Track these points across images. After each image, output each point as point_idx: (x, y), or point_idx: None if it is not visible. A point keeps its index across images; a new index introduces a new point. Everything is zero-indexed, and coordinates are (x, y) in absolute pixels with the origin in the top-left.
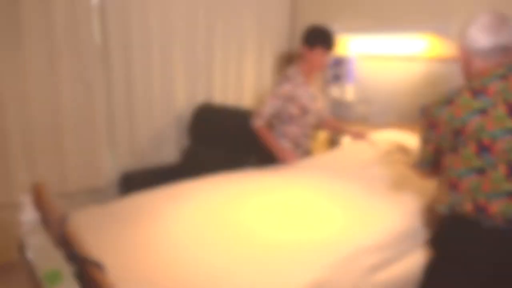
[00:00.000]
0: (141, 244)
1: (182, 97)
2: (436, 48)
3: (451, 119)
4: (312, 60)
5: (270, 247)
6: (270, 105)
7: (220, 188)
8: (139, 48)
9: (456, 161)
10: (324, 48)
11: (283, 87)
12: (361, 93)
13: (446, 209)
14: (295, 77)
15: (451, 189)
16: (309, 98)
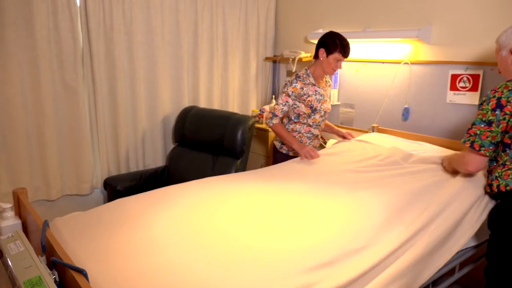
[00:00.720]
0: (123, 250)
1: (167, 101)
2: (418, 53)
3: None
4: (327, 64)
5: (254, 253)
6: (283, 103)
7: (205, 192)
8: (123, 52)
9: None
10: (340, 54)
11: (293, 85)
12: (345, 97)
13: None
14: (305, 77)
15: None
16: (317, 98)
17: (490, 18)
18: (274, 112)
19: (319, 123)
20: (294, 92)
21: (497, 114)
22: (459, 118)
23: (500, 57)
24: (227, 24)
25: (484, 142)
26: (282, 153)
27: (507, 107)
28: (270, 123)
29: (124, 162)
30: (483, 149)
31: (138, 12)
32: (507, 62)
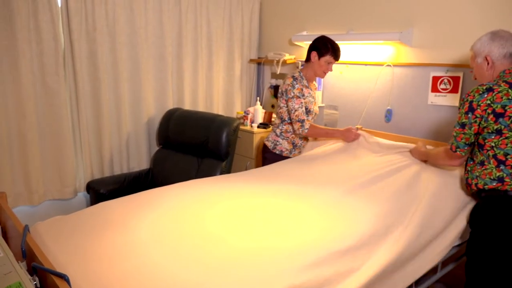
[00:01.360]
0: (106, 254)
1: (151, 103)
2: (400, 55)
3: (492, 102)
4: (318, 67)
5: (241, 255)
6: (300, 106)
7: (190, 195)
8: (106, 53)
9: (502, 141)
10: (332, 57)
11: (296, 87)
12: (329, 99)
13: (494, 182)
14: (300, 79)
15: (498, 165)
16: (310, 100)
17: (470, 22)
18: (300, 118)
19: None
20: (300, 92)
21: (469, 117)
22: (440, 120)
23: (476, 64)
24: (211, 25)
25: (459, 143)
26: (275, 153)
27: (477, 111)
28: (305, 130)
29: (108, 165)
30: (459, 150)
31: (121, 13)
32: (483, 68)
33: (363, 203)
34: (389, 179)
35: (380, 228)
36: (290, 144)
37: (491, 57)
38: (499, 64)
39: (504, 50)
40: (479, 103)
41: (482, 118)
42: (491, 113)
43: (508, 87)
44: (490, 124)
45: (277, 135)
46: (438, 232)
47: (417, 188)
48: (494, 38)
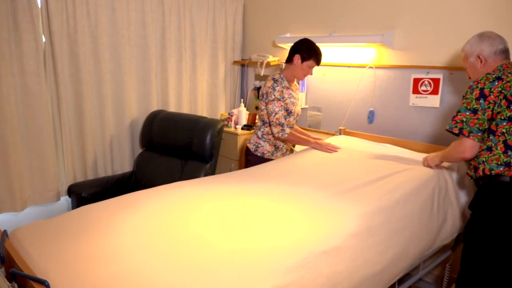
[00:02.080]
0: (88, 258)
1: (135, 105)
2: (382, 57)
3: (503, 89)
4: (300, 70)
5: (225, 257)
6: (280, 108)
7: (173, 197)
8: (88, 55)
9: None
10: (314, 62)
11: (277, 89)
12: (312, 100)
13: (500, 167)
14: (281, 81)
15: (506, 151)
16: (292, 101)
17: (450, 25)
18: (280, 122)
19: (293, 125)
20: (281, 95)
21: (481, 103)
22: (421, 121)
23: (469, 63)
24: (195, 27)
25: (472, 128)
26: (256, 155)
27: (490, 97)
28: (285, 134)
29: (91, 168)
30: (472, 135)
31: (103, 14)
32: (477, 67)
33: (348, 205)
34: (376, 183)
35: (364, 229)
36: (272, 146)
37: (483, 55)
38: (491, 60)
39: (494, 48)
40: (492, 90)
41: (495, 103)
42: (503, 99)
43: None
44: (503, 110)
45: (259, 137)
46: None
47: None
48: (482, 38)
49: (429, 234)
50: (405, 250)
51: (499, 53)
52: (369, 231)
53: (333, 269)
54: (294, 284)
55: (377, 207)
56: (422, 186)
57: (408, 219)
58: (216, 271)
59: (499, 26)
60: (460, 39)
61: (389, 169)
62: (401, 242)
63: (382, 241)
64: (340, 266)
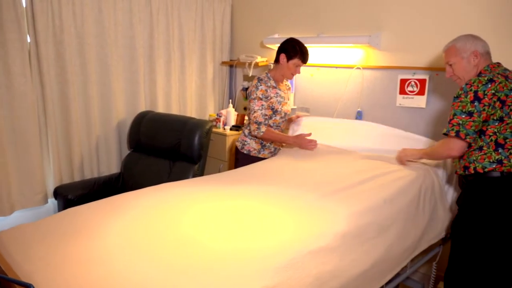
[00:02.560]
0: (75, 261)
1: (122, 106)
2: (370, 58)
3: (496, 91)
4: (287, 69)
5: (214, 258)
6: (260, 108)
7: (161, 198)
8: (74, 55)
9: (503, 127)
10: (300, 60)
11: (260, 88)
12: (300, 101)
13: (493, 165)
14: (266, 80)
15: (497, 148)
16: (278, 100)
17: (435, 26)
18: (257, 120)
19: (279, 124)
20: (264, 94)
21: (476, 106)
22: (408, 121)
23: (460, 59)
24: (183, 27)
25: (468, 131)
26: (243, 153)
27: (485, 99)
28: (260, 133)
29: (78, 170)
30: (468, 137)
31: (89, 14)
32: (470, 63)
33: (335, 205)
34: (364, 183)
35: (352, 229)
36: (258, 144)
37: (478, 52)
38: (483, 59)
39: (485, 48)
40: (485, 92)
41: (490, 106)
42: (497, 101)
43: (504, 79)
44: (497, 111)
45: (245, 135)
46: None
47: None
48: (475, 37)
49: (415, 233)
50: (391, 249)
51: (488, 54)
52: (356, 230)
53: (320, 269)
54: (282, 285)
55: (364, 207)
56: (409, 185)
57: (395, 219)
58: (204, 272)
59: (482, 27)
60: (446, 40)
61: (377, 169)
62: (387, 241)
63: (369, 240)
64: (328, 266)
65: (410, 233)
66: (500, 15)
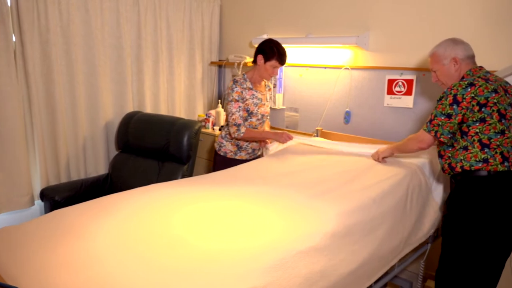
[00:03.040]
0: (62, 263)
1: (110, 106)
2: (358, 59)
3: (476, 95)
4: (264, 70)
5: (204, 258)
6: (237, 109)
7: (150, 199)
8: (61, 55)
9: (486, 128)
10: (277, 61)
11: (235, 90)
12: (289, 101)
13: (479, 163)
14: (242, 82)
15: (482, 148)
16: (254, 102)
17: (422, 27)
18: (236, 122)
19: (256, 126)
20: (240, 96)
21: (455, 109)
22: (395, 121)
23: (441, 66)
24: (171, 27)
25: (444, 131)
26: (220, 155)
27: (463, 103)
28: (241, 134)
29: (64, 171)
30: (443, 136)
31: (76, 13)
32: (451, 69)
33: (325, 205)
34: (353, 183)
35: (341, 229)
36: (234, 146)
37: (458, 58)
38: (464, 64)
39: (466, 53)
40: (464, 96)
41: (468, 109)
42: (476, 105)
43: (485, 82)
44: (475, 114)
45: (222, 137)
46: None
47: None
48: (456, 42)
49: (403, 232)
50: (379, 248)
51: (470, 58)
52: (345, 230)
53: (310, 268)
54: (271, 285)
55: (353, 206)
56: (397, 185)
57: (383, 218)
58: (194, 273)
59: (468, 29)
60: (432, 41)
61: (365, 169)
62: (376, 240)
63: (358, 240)
64: (317, 266)
65: (398, 232)
66: (487, 15)
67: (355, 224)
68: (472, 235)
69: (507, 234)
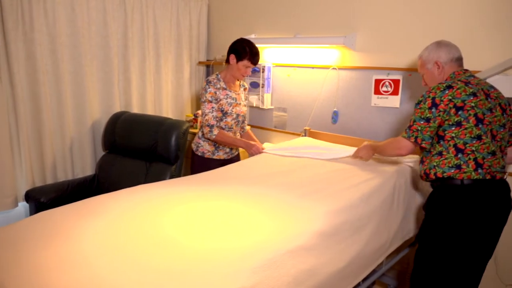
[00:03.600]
0: (48, 266)
1: (96, 106)
2: (345, 59)
3: (453, 98)
4: (237, 70)
5: (193, 258)
6: (210, 110)
7: (138, 200)
8: (46, 54)
9: (462, 132)
10: (250, 61)
11: (208, 91)
12: (277, 101)
13: (452, 169)
14: (216, 82)
15: (457, 154)
16: (228, 102)
17: (408, 29)
18: (209, 123)
19: (232, 126)
20: (213, 96)
21: (433, 112)
22: (382, 121)
23: (426, 70)
24: (159, 26)
25: (424, 136)
26: (197, 155)
27: (441, 105)
28: (213, 135)
29: (50, 172)
30: (424, 142)
31: (62, 13)
32: (434, 73)
33: (313, 204)
34: (341, 183)
35: (329, 228)
36: (211, 146)
37: (440, 61)
38: (448, 67)
39: (450, 55)
40: (442, 99)
41: (445, 112)
42: (452, 107)
43: (464, 85)
44: (451, 117)
45: (199, 137)
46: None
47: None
48: (440, 45)
49: (389, 230)
50: (366, 246)
51: (455, 60)
52: (333, 229)
53: (298, 268)
54: (260, 284)
55: (341, 206)
56: (384, 184)
57: (370, 216)
58: (183, 273)
59: (455, 30)
60: (418, 42)
61: (352, 169)
62: (363, 239)
63: (346, 238)
64: (305, 265)
65: (385, 230)
66: (473, 15)
67: (343, 223)
68: (446, 245)
69: (481, 244)
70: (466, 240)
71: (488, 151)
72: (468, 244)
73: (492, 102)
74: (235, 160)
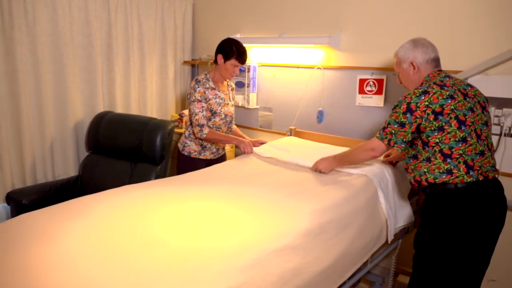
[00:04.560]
0: (33, 267)
1: (79, 106)
2: (330, 59)
3: (430, 103)
4: (224, 70)
5: (178, 258)
6: (200, 109)
7: (123, 201)
8: (26, 54)
9: (445, 137)
10: (237, 60)
11: (197, 90)
12: (263, 101)
13: (443, 175)
14: (205, 81)
15: (445, 159)
16: (217, 101)
17: (392, 29)
18: (199, 123)
19: (220, 125)
20: (202, 96)
21: (408, 117)
22: (367, 120)
23: (402, 69)
24: (143, 26)
25: (398, 140)
26: (184, 155)
27: (417, 112)
28: (203, 135)
29: (30, 174)
30: (396, 145)
31: (42, 12)
32: (409, 73)
33: (299, 204)
34: (326, 183)
35: (314, 227)
36: (198, 146)
37: (416, 62)
38: (423, 69)
39: (426, 56)
40: (418, 105)
41: (422, 118)
42: (430, 113)
43: (439, 88)
44: (431, 123)
45: (186, 137)
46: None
47: (350, 188)
48: (416, 45)
49: (374, 229)
50: (352, 245)
51: (431, 61)
52: (319, 228)
53: (284, 267)
54: (246, 284)
55: (326, 205)
56: (368, 183)
57: (355, 215)
58: (168, 273)
59: (438, 30)
60: (402, 42)
61: (337, 169)
62: (348, 237)
63: (331, 237)
64: (291, 264)
65: (370, 229)
66: (454, 15)
67: (328, 222)
68: (445, 249)
69: (479, 247)
70: (465, 243)
71: (476, 152)
72: (467, 247)
73: (471, 101)
74: (221, 160)
